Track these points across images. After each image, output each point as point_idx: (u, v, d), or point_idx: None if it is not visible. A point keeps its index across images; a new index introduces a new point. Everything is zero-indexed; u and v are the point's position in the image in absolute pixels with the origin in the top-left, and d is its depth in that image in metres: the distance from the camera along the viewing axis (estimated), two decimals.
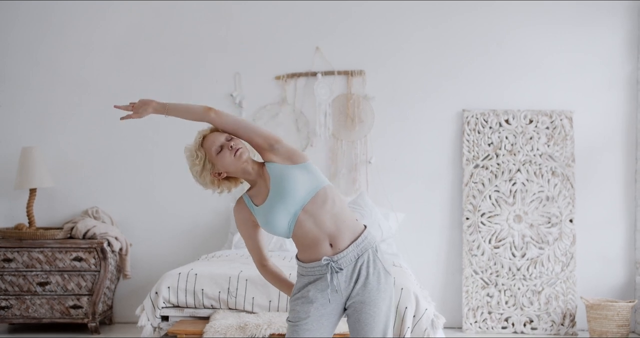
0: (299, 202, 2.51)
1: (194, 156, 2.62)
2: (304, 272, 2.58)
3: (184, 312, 3.97)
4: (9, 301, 5.10)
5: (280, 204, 2.52)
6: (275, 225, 2.53)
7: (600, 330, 4.95)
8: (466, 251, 5.36)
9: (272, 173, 2.57)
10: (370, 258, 2.53)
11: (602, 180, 5.42)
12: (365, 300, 2.51)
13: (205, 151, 2.61)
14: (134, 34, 5.59)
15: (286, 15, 5.53)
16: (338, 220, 2.54)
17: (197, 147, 2.62)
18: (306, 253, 2.56)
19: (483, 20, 5.48)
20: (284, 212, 2.52)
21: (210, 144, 2.61)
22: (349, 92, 5.50)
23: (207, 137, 2.64)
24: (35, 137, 5.57)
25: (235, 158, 2.58)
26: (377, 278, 2.53)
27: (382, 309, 2.53)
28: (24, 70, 5.60)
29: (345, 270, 2.51)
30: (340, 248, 2.52)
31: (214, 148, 2.60)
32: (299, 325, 2.53)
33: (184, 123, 5.59)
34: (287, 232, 2.55)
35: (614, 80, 5.43)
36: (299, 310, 2.54)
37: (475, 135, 5.42)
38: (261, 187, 2.61)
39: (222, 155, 2.59)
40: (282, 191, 2.52)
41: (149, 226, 5.57)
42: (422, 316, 3.77)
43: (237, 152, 2.58)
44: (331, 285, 2.50)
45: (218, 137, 2.63)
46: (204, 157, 2.61)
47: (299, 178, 2.54)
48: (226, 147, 2.60)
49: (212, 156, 2.60)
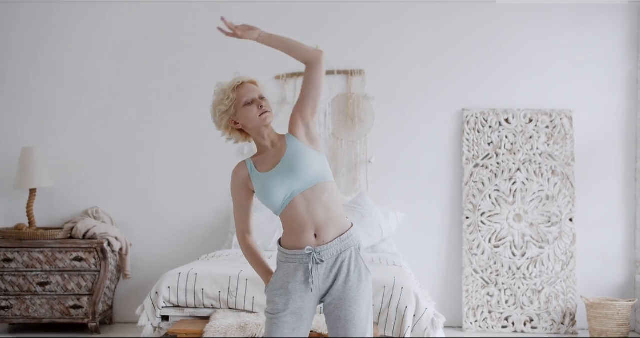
0: (302, 183, 2.51)
1: (225, 95, 2.60)
2: (284, 258, 2.56)
3: (184, 312, 3.97)
4: (9, 301, 5.10)
5: (286, 178, 2.51)
6: (271, 195, 2.52)
7: (600, 329, 4.95)
8: (466, 250, 5.36)
9: (290, 146, 2.57)
10: (353, 256, 2.54)
11: (602, 179, 5.43)
12: (345, 297, 2.50)
13: (237, 96, 2.59)
14: (134, 34, 5.59)
15: (286, 14, 5.53)
16: (329, 213, 2.54)
17: (232, 89, 2.60)
18: (290, 238, 2.55)
19: (483, 19, 5.48)
20: (285, 187, 2.51)
21: (244, 92, 2.60)
22: (348, 92, 5.50)
23: (245, 85, 2.62)
24: (35, 137, 5.57)
25: (260, 118, 2.58)
26: (358, 276, 2.53)
27: (362, 307, 2.53)
28: (24, 70, 5.60)
29: (326, 263, 2.51)
30: (324, 240, 2.52)
31: (245, 98, 2.59)
32: (278, 317, 2.52)
33: (184, 123, 5.62)
34: (279, 208, 2.54)
35: (614, 80, 5.43)
36: (278, 302, 2.53)
37: (475, 134, 5.42)
38: (269, 156, 2.60)
39: (249, 108, 2.58)
40: (293, 166, 2.52)
41: (149, 226, 5.57)
42: (423, 315, 3.77)
43: (263, 114, 2.58)
44: (311, 275, 2.49)
45: (254, 90, 2.62)
46: (233, 100, 2.59)
47: (313, 161, 2.55)
48: (256, 103, 2.59)
49: (239, 104, 2.59)
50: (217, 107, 2.62)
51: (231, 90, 2.59)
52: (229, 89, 2.60)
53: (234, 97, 2.59)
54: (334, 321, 2.53)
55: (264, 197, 2.55)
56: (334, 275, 2.52)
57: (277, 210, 2.56)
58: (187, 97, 5.59)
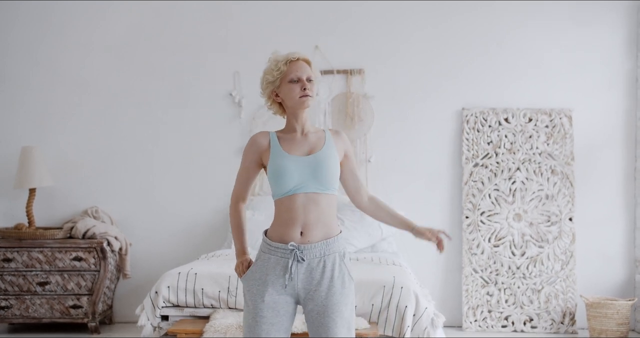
0: (315, 185, 2.53)
1: (277, 67, 2.59)
2: (267, 249, 2.57)
3: (184, 312, 3.97)
4: (9, 301, 5.10)
5: (307, 172, 2.52)
6: (284, 177, 2.52)
7: (600, 328, 4.95)
8: (466, 250, 5.36)
9: (328, 146, 2.59)
10: (336, 262, 2.55)
11: (602, 179, 5.43)
12: (328, 303, 2.51)
13: (286, 71, 2.58)
14: (134, 34, 5.59)
15: (286, 14, 5.54)
16: (321, 217, 2.54)
17: (284, 63, 2.59)
18: (277, 230, 2.56)
19: (482, 19, 5.48)
20: (300, 178, 2.52)
21: (294, 68, 2.59)
22: (348, 91, 5.50)
23: (298, 62, 2.61)
24: (35, 137, 5.57)
25: (299, 100, 2.58)
26: (342, 282, 2.54)
27: (344, 314, 2.53)
28: (24, 69, 5.61)
29: (307, 263, 2.51)
30: (309, 239, 2.53)
31: (292, 75, 2.58)
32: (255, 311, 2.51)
33: (184, 123, 5.62)
34: (281, 193, 2.54)
35: (614, 79, 5.43)
36: (255, 293, 2.53)
37: (474, 133, 5.42)
38: (297, 140, 2.61)
39: (293, 86, 2.58)
40: (320, 167, 2.54)
41: (149, 226, 5.58)
42: (422, 315, 3.77)
43: (304, 96, 2.58)
44: (289, 271, 2.50)
45: (304, 70, 2.60)
46: (282, 73, 2.58)
47: (336, 173, 2.58)
48: (301, 84, 2.58)
49: (285, 79, 2.59)
50: (265, 75, 2.62)
51: (283, 63, 2.58)
52: (282, 62, 2.59)
53: (284, 69, 2.58)
54: (317, 327, 2.53)
55: (275, 176, 2.54)
56: (317, 279, 2.52)
57: (278, 194, 2.56)
58: (187, 97, 5.59)
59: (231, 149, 5.53)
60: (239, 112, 5.54)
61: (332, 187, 2.58)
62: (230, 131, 5.56)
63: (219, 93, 5.57)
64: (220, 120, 5.57)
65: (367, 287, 3.82)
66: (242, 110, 5.53)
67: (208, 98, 5.58)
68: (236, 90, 5.55)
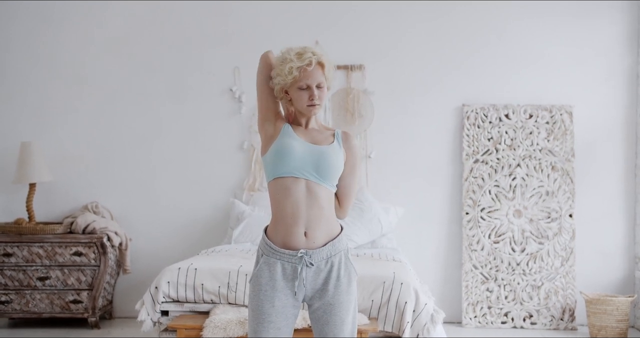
0: (316, 174, 2.51)
1: (289, 69, 2.53)
2: (270, 252, 2.53)
3: (184, 307, 3.97)
4: (9, 296, 5.10)
5: (310, 159, 2.51)
6: (286, 154, 2.51)
7: (599, 324, 4.96)
8: (466, 246, 5.37)
9: (335, 145, 2.59)
10: (342, 261, 2.55)
11: (602, 175, 5.42)
12: (335, 302, 2.51)
13: (297, 76, 2.53)
14: (133, 29, 5.58)
15: (286, 9, 5.52)
16: (322, 212, 2.53)
17: (297, 68, 2.53)
18: (279, 230, 2.53)
19: (482, 14, 5.47)
20: (302, 162, 2.51)
21: (306, 76, 2.54)
22: (348, 87, 5.49)
23: (309, 70, 2.54)
24: (34, 132, 5.56)
25: (306, 108, 2.57)
26: (348, 280, 2.54)
27: (349, 311, 2.54)
28: (23, 65, 5.59)
29: (315, 267, 2.51)
30: (315, 242, 2.51)
31: (302, 82, 2.54)
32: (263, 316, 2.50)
33: (184, 118, 5.61)
34: (279, 170, 2.52)
35: (614, 74, 5.42)
36: (263, 299, 2.50)
37: (475, 129, 5.41)
38: (305, 133, 2.60)
39: (301, 93, 2.55)
40: (325, 159, 2.52)
41: (149, 221, 5.57)
42: (422, 311, 3.77)
43: (311, 105, 2.56)
44: (299, 278, 2.49)
45: (315, 77, 2.55)
46: (294, 76, 2.53)
47: (338, 170, 2.57)
48: (309, 92, 2.55)
49: (295, 83, 2.55)
50: (278, 76, 2.57)
51: (297, 68, 2.53)
52: (295, 67, 2.53)
53: (296, 74, 2.53)
54: (323, 325, 2.53)
55: (279, 153, 2.52)
56: (323, 278, 2.52)
57: (277, 173, 2.52)
58: (186, 91, 5.58)
59: (231, 144, 5.52)
60: (239, 107, 5.53)
61: (331, 183, 2.56)
62: (230, 126, 5.55)
63: (218, 88, 5.56)
64: (220, 115, 5.56)
65: (367, 282, 3.82)
66: (242, 106, 5.53)
67: (207, 93, 5.57)
68: (236, 86, 5.54)
